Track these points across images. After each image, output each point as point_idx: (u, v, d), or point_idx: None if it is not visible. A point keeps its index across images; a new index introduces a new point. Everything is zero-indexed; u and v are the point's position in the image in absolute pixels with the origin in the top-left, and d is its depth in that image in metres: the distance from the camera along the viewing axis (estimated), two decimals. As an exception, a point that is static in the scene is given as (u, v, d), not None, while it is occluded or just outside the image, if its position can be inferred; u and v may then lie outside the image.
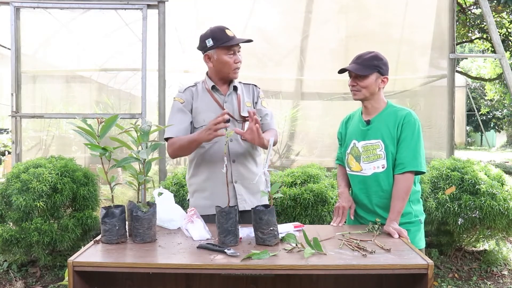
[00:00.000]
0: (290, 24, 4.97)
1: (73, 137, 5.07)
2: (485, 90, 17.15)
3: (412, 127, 2.02)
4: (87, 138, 1.69)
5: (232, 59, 2.20)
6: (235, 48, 2.20)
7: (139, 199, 1.83)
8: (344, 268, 1.50)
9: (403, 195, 1.99)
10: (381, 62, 2.06)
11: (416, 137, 2.02)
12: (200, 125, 2.24)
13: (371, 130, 2.10)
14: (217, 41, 2.17)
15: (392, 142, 2.04)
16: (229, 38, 2.17)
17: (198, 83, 2.33)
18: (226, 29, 2.19)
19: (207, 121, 2.17)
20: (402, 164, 2.01)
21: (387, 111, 2.10)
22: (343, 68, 2.11)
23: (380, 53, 2.10)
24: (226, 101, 2.28)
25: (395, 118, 2.05)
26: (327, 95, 5.01)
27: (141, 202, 1.79)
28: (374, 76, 2.05)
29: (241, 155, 2.27)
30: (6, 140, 8.94)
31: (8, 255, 3.50)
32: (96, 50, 5.03)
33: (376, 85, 2.07)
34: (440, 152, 4.56)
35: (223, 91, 2.29)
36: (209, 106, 2.25)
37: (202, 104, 2.26)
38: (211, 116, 2.20)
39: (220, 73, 2.25)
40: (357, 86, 2.08)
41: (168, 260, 1.56)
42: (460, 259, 3.88)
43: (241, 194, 2.25)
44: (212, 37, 2.18)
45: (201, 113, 2.25)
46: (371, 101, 2.11)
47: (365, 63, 2.05)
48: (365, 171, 2.11)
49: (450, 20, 4.44)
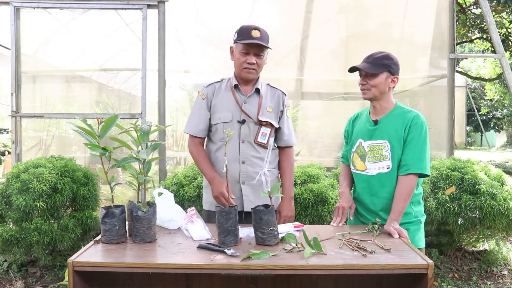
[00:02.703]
0: (290, 24, 4.97)
1: (73, 137, 5.07)
2: (485, 90, 17.14)
3: (419, 129, 2.02)
4: (87, 138, 1.69)
5: (244, 58, 2.18)
6: (250, 49, 2.16)
7: (139, 199, 1.83)
8: (344, 268, 1.50)
9: (405, 196, 1.98)
10: (392, 62, 2.06)
11: (422, 140, 2.02)
12: (215, 123, 2.26)
13: (378, 130, 2.10)
14: (238, 36, 2.18)
15: (398, 143, 2.04)
16: (249, 37, 2.14)
17: (224, 80, 2.34)
18: (255, 29, 2.16)
19: (223, 120, 2.23)
20: (406, 166, 2.01)
21: (395, 112, 2.10)
22: (354, 67, 2.09)
23: (391, 53, 2.10)
24: (246, 102, 2.27)
25: (403, 120, 2.05)
26: (327, 95, 5.01)
27: (141, 202, 1.79)
28: (384, 75, 2.05)
29: (252, 157, 2.27)
30: (6, 140, 8.94)
31: (8, 255, 3.50)
32: (96, 50, 5.03)
33: (386, 85, 2.07)
34: (440, 152, 4.56)
35: (245, 91, 2.28)
36: (228, 105, 2.26)
37: (221, 102, 2.27)
38: (227, 115, 2.23)
39: (235, 68, 2.26)
40: (367, 85, 2.07)
41: (168, 260, 1.56)
42: (460, 259, 3.88)
43: (247, 195, 2.26)
44: (238, 31, 2.19)
45: (219, 112, 2.26)
46: (380, 101, 2.11)
47: (376, 62, 2.05)
48: (369, 171, 2.11)
49: (450, 20, 4.44)
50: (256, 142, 2.26)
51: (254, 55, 2.18)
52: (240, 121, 2.24)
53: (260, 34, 2.15)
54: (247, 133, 2.25)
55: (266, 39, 2.19)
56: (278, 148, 2.41)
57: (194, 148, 2.30)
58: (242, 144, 2.25)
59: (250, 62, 2.18)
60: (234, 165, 2.23)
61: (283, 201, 2.35)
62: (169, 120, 4.72)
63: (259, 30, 2.16)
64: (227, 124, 2.24)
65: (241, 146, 2.25)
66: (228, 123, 2.24)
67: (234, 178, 2.24)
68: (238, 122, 2.24)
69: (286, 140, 2.37)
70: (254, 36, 2.14)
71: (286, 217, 2.31)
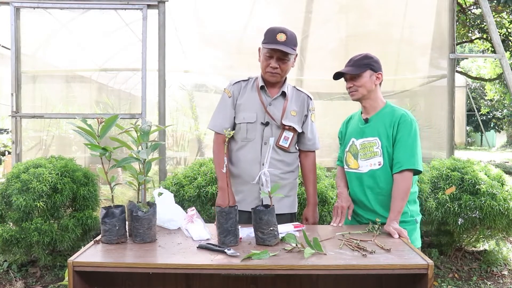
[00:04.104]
0: (290, 24, 4.91)
1: (73, 137, 5.07)
2: (485, 90, 17.13)
3: (408, 127, 2.05)
4: (87, 138, 1.69)
5: (268, 62, 2.17)
6: (274, 53, 2.14)
7: (139, 199, 1.83)
8: (344, 268, 1.50)
9: (402, 195, 2.00)
10: (372, 60, 2.13)
11: (412, 137, 2.05)
12: (239, 122, 2.25)
13: (369, 127, 2.14)
14: (264, 39, 2.18)
15: (387, 140, 2.08)
16: (274, 40, 2.12)
17: (251, 79, 2.33)
18: (281, 32, 2.13)
19: (247, 120, 2.23)
20: (399, 163, 2.03)
21: (385, 111, 2.15)
22: (337, 72, 2.17)
23: (369, 52, 2.16)
24: (271, 104, 2.26)
25: (391, 118, 2.09)
26: (327, 95, 5.01)
27: (141, 202, 1.79)
28: (368, 73, 2.11)
29: (276, 161, 2.26)
30: (6, 140, 8.93)
31: (8, 255, 3.50)
32: (96, 50, 5.03)
33: (371, 82, 2.12)
34: (440, 152, 4.56)
35: (271, 93, 2.28)
36: (253, 105, 2.25)
37: (246, 102, 2.26)
38: (252, 116, 2.23)
39: (261, 70, 2.25)
40: (354, 87, 2.14)
41: (168, 260, 1.56)
42: (460, 259, 3.88)
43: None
44: (265, 33, 2.18)
45: (243, 111, 2.25)
46: (368, 100, 2.16)
47: (357, 63, 2.12)
48: (361, 168, 2.14)
49: (450, 20, 4.44)
50: (278, 146, 2.25)
51: (278, 59, 2.16)
52: (263, 123, 2.24)
53: (285, 37, 2.12)
54: (269, 135, 2.24)
55: (292, 42, 2.14)
56: (300, 151, 2.39)
57: (217, 148, 2.29)
58: (264, 146, 2.23)
59: (273, 67, 2.17)
60: (254, 166, 2.23)
61: (309, 207, 2.37)
62: (169, 120, 4.72)
63: (285, 34, 2.13)
64: (250, 124, 2.24)
65: (263, 148, 2.24)
66: (252, 123, 2.24)
67: (253, 179, 2.19)
68: (262, 124, 2.24)
69: (309, 144, 2.37)
70: (279, 40, 2.11)
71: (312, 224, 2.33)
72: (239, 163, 2.26)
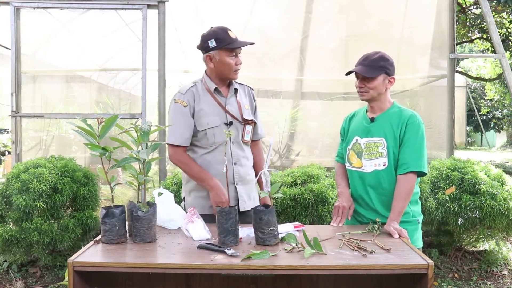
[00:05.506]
0: (290, 24, 4.97)
1: (73, 137, 5.07)
2: (485, 90, 17.13)
3: (416, 128, 2.04)
4: (87, 138, 1.69)
5: (234, 61, 2.19)
6: (237, 50, 2.19)
7: (139, 199, 1.83)
8: (344, 268, 1.50)
9: (404, 196, 1.99)
10: (388, 63, 2.07)
11: (420, 139, 2.03)
12: (203, 128, 2.22)
13: (375, 127, 2.11)
14: (220, 43, 2.15)
15: (394, 141, 2.05)
16: (232, 40, 2.16)
17: (197, 83, 2.30)
18: (229, 30, 2.18)
19: (211, 124, 2.21)
20: (405, 164, 2.02)
21: (392, 111, 2.12)
22: (351, 70, 2.12)
23: (386, 53, 2.11)
24: (228, 104, 2.27)
25: (399, 119, 2.07)
26: (327, 95, 5.01)
27: (141, 202, 1.79)
28: (382, 77, 2.06)
29: (242, 158, 2.30)
30: (6, 140, 8.93)
31: (8, 255, 3.50)
32: (96, 50, 5.03)
33: (383, 86, 2.08)
34: (440, 152, 4.56)
35: (224, 92, 2.29)
36: (213, 109, 2.24)
37: (205, 107, 2.24)
38: (215, 120, 2.22)
39: (221, 74, 2.24)
40: (365, 88, 2.08)
41: (168, 260, 1.56)
42: (460, 259, 3.88)
43: (242, 195, 2.28)
44: (215, 38, 2.16)
45: (205, 117, 2.23)
46: (377, 101, 2.13)
47: (372, 64, 2.05)
48: (365, 168, 2.11)
49: (450, 20, 4.44)
50: (244, 141, 2.30)
51: (239, 54, 2.23)
52: (227, 123, 2.24)
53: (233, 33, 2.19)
54: (236, 134, 2.26)
55: None
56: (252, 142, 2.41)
57: (182, 156, 2.22)
58: (233, 146, 2.27)
59: (240, 63, 2.22)
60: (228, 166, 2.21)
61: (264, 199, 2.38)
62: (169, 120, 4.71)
63: (230, 30, 2.20)
64: (216, 128, 2.22)
65: (232, 147, 2.26)
66: (218, 127, 2.23)
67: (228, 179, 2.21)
68: (226, 124, 2.24)
69: (260, 134, 2.46)
70: (235, 38, 2.18)
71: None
72: (211, 166, 2.22)
